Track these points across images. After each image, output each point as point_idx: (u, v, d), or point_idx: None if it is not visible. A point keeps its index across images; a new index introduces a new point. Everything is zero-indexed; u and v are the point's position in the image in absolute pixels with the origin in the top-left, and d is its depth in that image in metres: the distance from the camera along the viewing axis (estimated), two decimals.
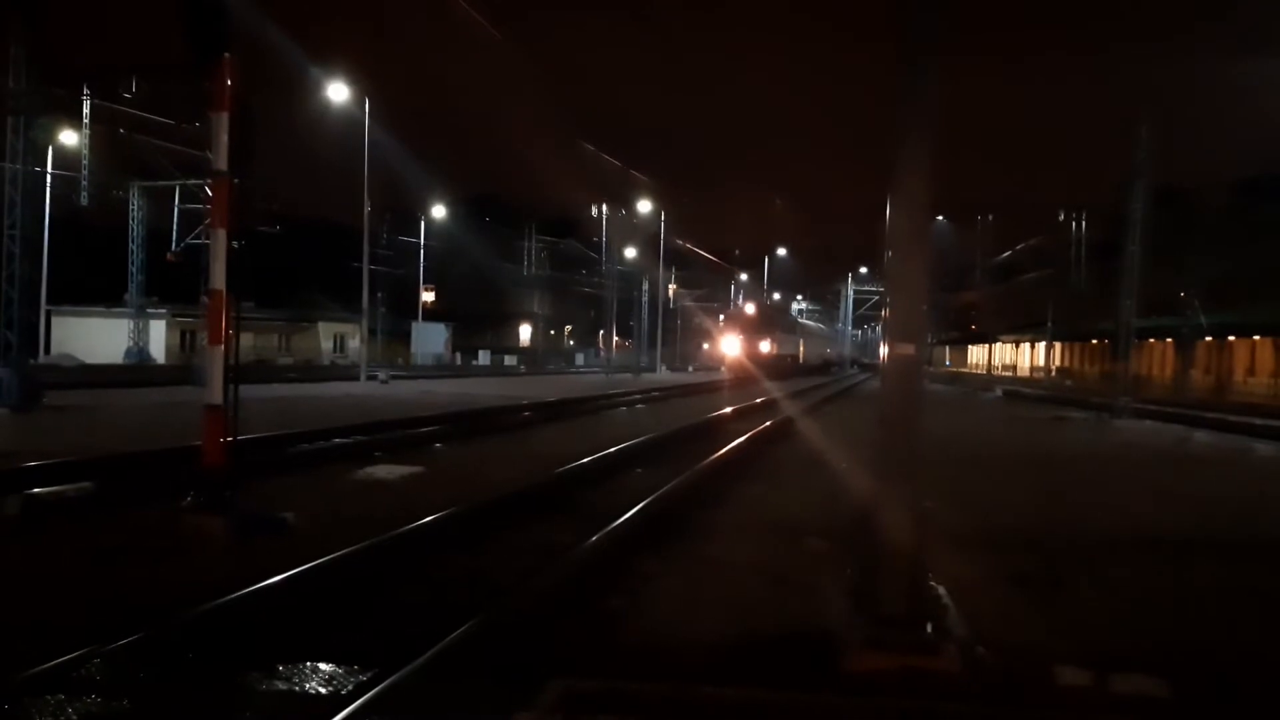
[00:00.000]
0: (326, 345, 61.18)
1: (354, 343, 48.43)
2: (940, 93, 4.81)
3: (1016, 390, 43.23)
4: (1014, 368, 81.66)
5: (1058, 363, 70.77)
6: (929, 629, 4.54)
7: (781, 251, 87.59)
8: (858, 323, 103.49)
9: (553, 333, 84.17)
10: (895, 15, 4.82)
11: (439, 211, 61.98)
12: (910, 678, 4.20)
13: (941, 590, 5.15)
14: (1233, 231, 45.86)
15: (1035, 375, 70.13)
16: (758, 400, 25.55)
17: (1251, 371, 48.88)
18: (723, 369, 48.41)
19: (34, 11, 17.17)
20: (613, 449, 12.35)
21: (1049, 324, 61.44)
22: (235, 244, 7.70)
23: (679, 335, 76.05)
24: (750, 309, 50.30)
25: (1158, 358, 54.19)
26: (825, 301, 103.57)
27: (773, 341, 46.33)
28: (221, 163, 7.71)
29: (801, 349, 51.58)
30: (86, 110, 32.01)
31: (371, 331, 39.46)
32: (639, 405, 25.40)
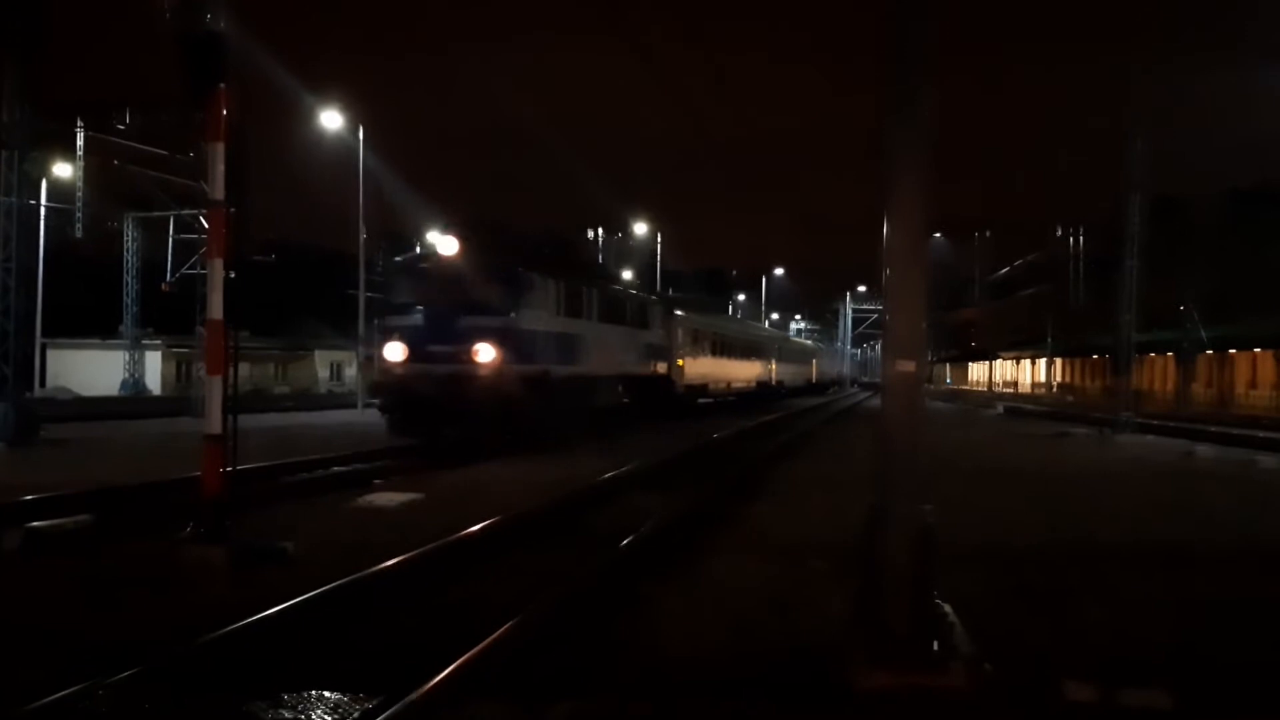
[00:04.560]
0: (323, 373, 60.97)
1: (350, 370, 48.33)
2: (933, 109, 4.82)
3: (1018, 407, 43.23)
4: (1015, 384, 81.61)
5: (1059, 378, 70.74)
6: (935, 646, 4.51)
7: (779, 271, 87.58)
8: (857, 341, 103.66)
9: None
10: (886, 33, 4.82)
11: (434, 237, 61.89)
12: (917, 695, 4.17)
13: (947, 607, 5.12)
14: (1229, 243, 45.90)
15: (1036, 391, 70.16)
16: None
17: (1253, 384, 48.77)
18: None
19: (26, 44, 17.22)
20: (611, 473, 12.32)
21: (1049, 340, 61.58)
22: (231, 274, 7.70)
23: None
24: (450, 248, 17.94)
25: (1159, 372, 54.12)
26: (824, 321, 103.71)
27: (503, 343, 16.47)
28: (218, 192, 7.72)
29: (684, 363, 27.50)
30: (80, 142, 32.06)
31: (368, 359, 39.31)
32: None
